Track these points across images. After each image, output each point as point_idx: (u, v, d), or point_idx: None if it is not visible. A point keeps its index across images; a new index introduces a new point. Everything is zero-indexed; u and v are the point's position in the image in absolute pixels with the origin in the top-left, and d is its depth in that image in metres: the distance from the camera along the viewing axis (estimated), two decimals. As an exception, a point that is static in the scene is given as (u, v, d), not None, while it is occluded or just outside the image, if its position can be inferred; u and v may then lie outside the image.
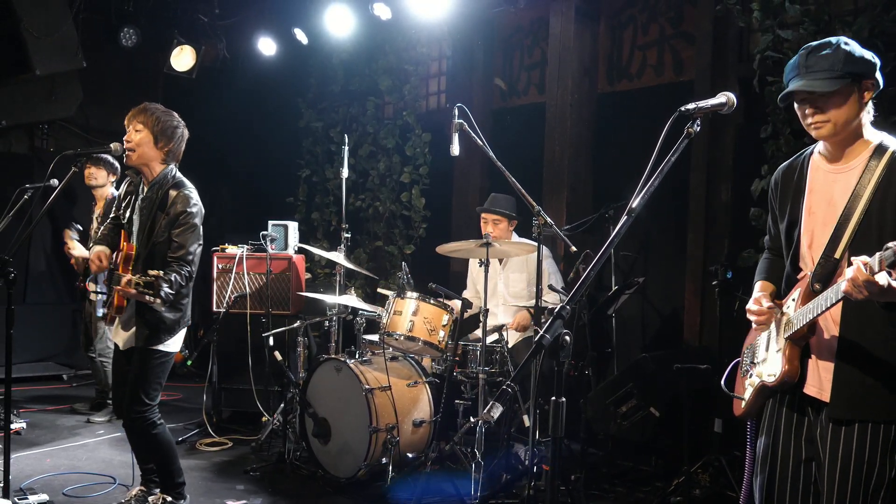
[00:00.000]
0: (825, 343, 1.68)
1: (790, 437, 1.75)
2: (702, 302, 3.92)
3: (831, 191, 1.71)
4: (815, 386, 1.70)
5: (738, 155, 3.87)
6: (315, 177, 6.05)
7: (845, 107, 1.63)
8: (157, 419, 2.78)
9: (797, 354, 1.69)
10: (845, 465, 1.63)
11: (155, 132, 2.73)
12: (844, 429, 1.64)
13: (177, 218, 2.71)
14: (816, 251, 1.70)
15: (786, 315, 1.75)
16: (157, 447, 2.80)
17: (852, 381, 1.63)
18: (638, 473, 3.54)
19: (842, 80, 1.61)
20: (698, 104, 1.61)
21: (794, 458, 1.74)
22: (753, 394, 1.81)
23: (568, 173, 4.48)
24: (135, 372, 2.74)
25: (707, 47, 3.93)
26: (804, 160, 1.81)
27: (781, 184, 1.85)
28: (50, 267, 5.84)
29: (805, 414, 1.74)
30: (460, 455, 3.25)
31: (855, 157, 1.69)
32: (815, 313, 1.59)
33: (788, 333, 1.69)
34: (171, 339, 2.77)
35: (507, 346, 3.43)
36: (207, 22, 5.66)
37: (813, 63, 1.63)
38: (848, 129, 1.66)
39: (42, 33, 4.67)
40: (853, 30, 3.18)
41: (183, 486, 2.86)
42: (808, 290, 1.67)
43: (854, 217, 1.63)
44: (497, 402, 1.43)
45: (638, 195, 1.54)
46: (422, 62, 5.42)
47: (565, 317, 1.44)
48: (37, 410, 4.61)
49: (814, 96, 1.64)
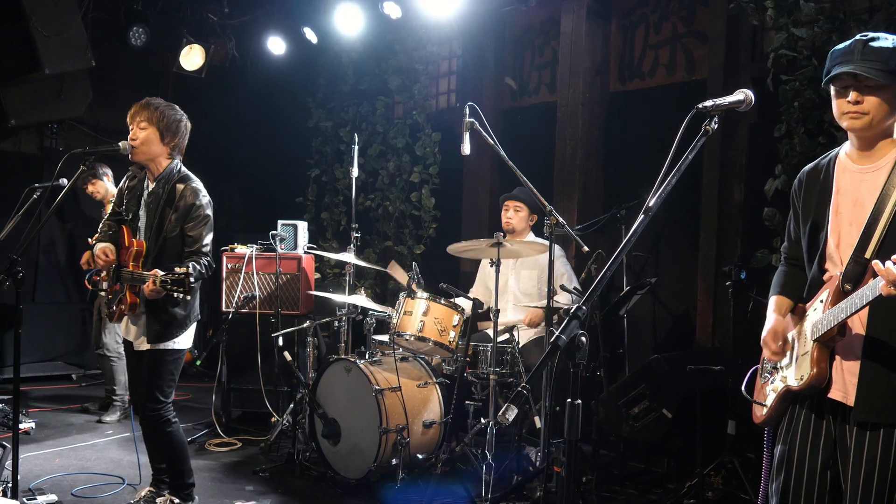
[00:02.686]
0: (851, 345, 1.65)
1: (808, 442, 1.72)
2: (714, 302, 3.88)
3: (858, 191, 1.69)
4: (840, 390, 1.67)
5: (751, 154, 3.83)
6: (325, 176, 6.04)
7: (887, 103, 1.61)
8: (172, 417, 2.78)
9: (826, 357, 1.66)
10: (870, 470, 1.60)
11: (160, 128, 2.71)
12: (869, 434, 1.61)
13: (188, 212, 2.70)
14: (845, 251, 1.68)
15: (812, 318, 1.71)
16: (170, 445, 2.80)
17: (878, 383, 1.60)
18: (650, 475, 3.51)
19: (893, 75, 1.59)
20: (716, 101, 1.59)
21: (812, 464, 1.71)
22: (777, 399, 1.78)
23: (579, 173, 4.45)
24: (147, 371, 2.74)
25: (720, 46, 3.89)
26: (830, 161, 1.79)
27: (806, 184, 1.82)
28: (59, 266, 5.86)
29: (826, 420, 1.71)
30: (471, 456, 3.23)
31: (882, 157, 1.67)
32: (848, 313, 1.57)
33: (818, 335, 1.66)
34: (182, 335, 2.76)
35: (518, 346, 3.41)
36: (217, 21, 5.67)
37: (869, 52, 1.60)
38: (881, 127, 1.64)
39: (51, 32, 4.68)
40: (868, 27, 3.14)
41: (192, 487, 2.86)
42: (838, 290, 1.64)
43: (883, 217, 1.60)
44: (512, 403, 1.41)
45: (655, 194, 1.53)
46: (432, 61, 5.41)
47: (581, 317, 1.42)
48: (46, 410, 4.62)
49: (860, 84, 1.61)
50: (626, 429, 3.40)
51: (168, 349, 2.73)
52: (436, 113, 5.45)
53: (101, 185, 4.41)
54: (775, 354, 1.81)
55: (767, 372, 1.85)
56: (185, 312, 2.74)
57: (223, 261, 4.41)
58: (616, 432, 3.49)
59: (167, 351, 2.73)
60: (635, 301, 3.84)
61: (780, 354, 1.80)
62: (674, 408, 3.26)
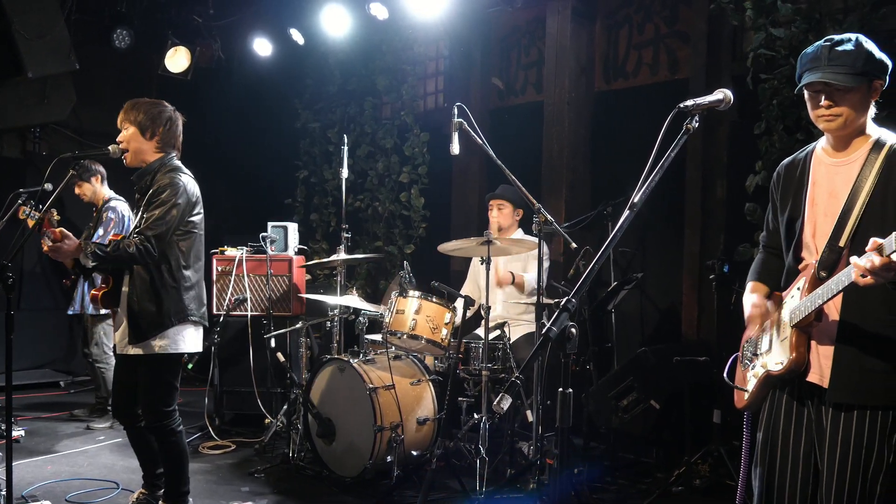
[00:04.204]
0: (827, 330, 1.72)
1: (790, 426, 1.78)
2: (699, 296, 3.97)
3: (833, 182, 1.76)
4: (816, 373, 1.73)
5: (733, 151, 3.92)
6: (313, 178, 6.05)
7: (858, 104, 1.69)
8: (178, 426, 2.72)
9: (804, 342, 1.73)
10: (845, 451, 1.66)
11: (140, 123, 2.64)
12: (844, 415, 1.68)
13: (157, 193, 2.56)
14: (820, 240, 1.75)
15: (789, 305, 1.78)
16: (173, 453, 2.75)
17: (851, 365, 1.67)
18: (639, 465, 3.58)
19: (861, 77, 1.66)
20: (696, 101, 1.66)
21: (794, 448, 1.77)
22: (757, 385, 1.84)
23: (566, 171, 4.52)
24: (145, 382, 2.67)
25: (701, 46, 3.98)
26: (807, 155, 1.86)
27: (784, 177, 1.89)
28: (44, 272, 5.79)
29: (805, 404, 1.77)
30: (465, 451, 3.28)
31: (856, 151, 1.74)
32: (825, 299, 1.63)
33: (796, 321, 1.72)
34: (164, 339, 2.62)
35: (509, 343, 3.46)
36: (202, 22, 5.64)
37: (835, 57, 1.67)
38: (855, 125, 1.72)
39: (34, 35, 4.64)
40: (843, 27, 3.24)
41: (187, 494, 2.82)
42: (814, 277, 1.71)
43: (856, 207, 1.68)
44: (506, 393, 1.46)
45: (639, 190, 1.58)
46: (419, 62, 5.44)
47: (571, 310, 1.47)
48: (35, 418, 4.58)
49: (830, 89, 1.68)
50: (615, 421, 3.47)
51: (154, 355, 2.61)
52: (424, 113, 5.48)
53: (87, 186, 4.35)
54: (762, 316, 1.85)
55: (748, 359, 1.91)
56: (154, 309, 2.58)
57: (213, 263, 4.41)
58: (606, 424, 3.56)
59: (155, 357, 2.62)
60: (623, 296, 3.92)
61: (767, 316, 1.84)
62: (661, 399, 3.33)
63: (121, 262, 2.57)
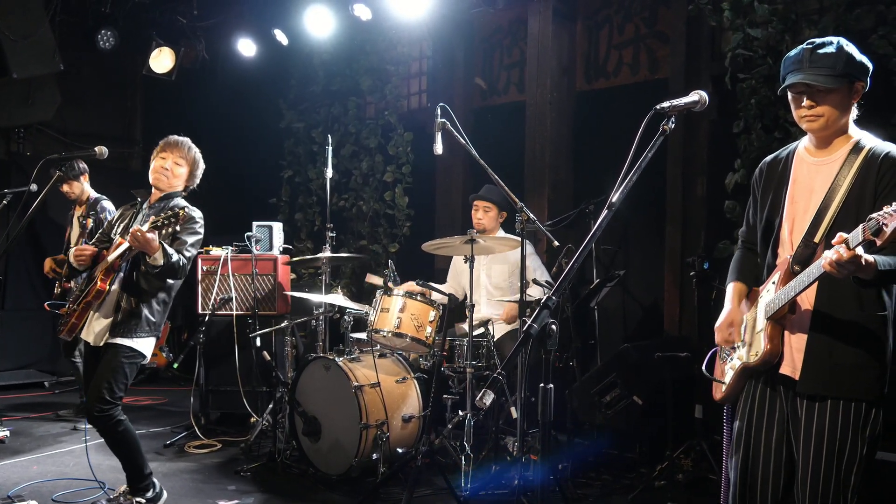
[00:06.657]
0: (800, 322, 1.77)
1: (764, 416, 1.83)
2: (681, 292, 4.03)
3: (813, 181, 1.81)
4: (789, 366, 1.79)
5: (712, 150, 3.98)
6: (298, 177, 6.04)
7: (839, 105, 1.74)
8: (121, 416, 2.80)
9: (778, 333, 1.78)
10: (818, 443, 1.71)
11: (193, 169, 3.04)
12: (818, 405, 1.73)
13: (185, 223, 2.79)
14: (797, 237, 1.80)
15: (765, 298, 1.83)
16: (123, 442, 2.82)
17: (822, 357, 1.72)
18: (623, 460, 3.63)
19: (842, 79, 1.71)
20: (672, 102, 1.70)
21: (768, 438, 1.82)
22: (734, 377, 1.89)
23: (549, 170, 4.56)
24: (103, 368, 2.76)
25: (681, 46, 4.05)
26: (790, 153, 1.91)
27: (767, 173, 1.94)
28: (28, 272, 5.73)
29: (779, 394, 1.82)
30: (450, 448, 3.31)
31: (836, 151, 1.80)
32: (798, 290, 1.69)
33: (770, 314, 1.78)
34: (145, 338, 2.82)
35: (493, 340, 3.50)
36: (186, 23, 5.63)
37: (817, 59, 1.72)
38: (836, 126, 1.77)
39: (19, 36, 4.61)
40: (818, 28, 3.31)
41: (150, 475, 2.90)
42: (788, 271, 1.77)
43: (833, 205, 1.73)
44: (489, 389, 1.49)
45: (617, 190, 1.63)
46: (402, 62, 5.46)
47: (551, 307, 1.51)
48: (20, 418, 4.56)
49: (812, 90, 1.73)
50: (599, 417, 3.51)
51: (127, 346, 2.77)
52: (407, 113, 5.50)
53: (76, 185, 4.40)
54: (725, 342, 1.94)
55: (726, 352, 1.97)
56: (149, 315, 2.82)
57: (198, 263, 4.40)
58: (590, 420, 3.61)
59: (126, 348, 2.77)
60: (605, 293, 3.97)
61: (729, 343, 1.94)
62: (644, 395, 3.38)
63: (172, 271, 2.76)
